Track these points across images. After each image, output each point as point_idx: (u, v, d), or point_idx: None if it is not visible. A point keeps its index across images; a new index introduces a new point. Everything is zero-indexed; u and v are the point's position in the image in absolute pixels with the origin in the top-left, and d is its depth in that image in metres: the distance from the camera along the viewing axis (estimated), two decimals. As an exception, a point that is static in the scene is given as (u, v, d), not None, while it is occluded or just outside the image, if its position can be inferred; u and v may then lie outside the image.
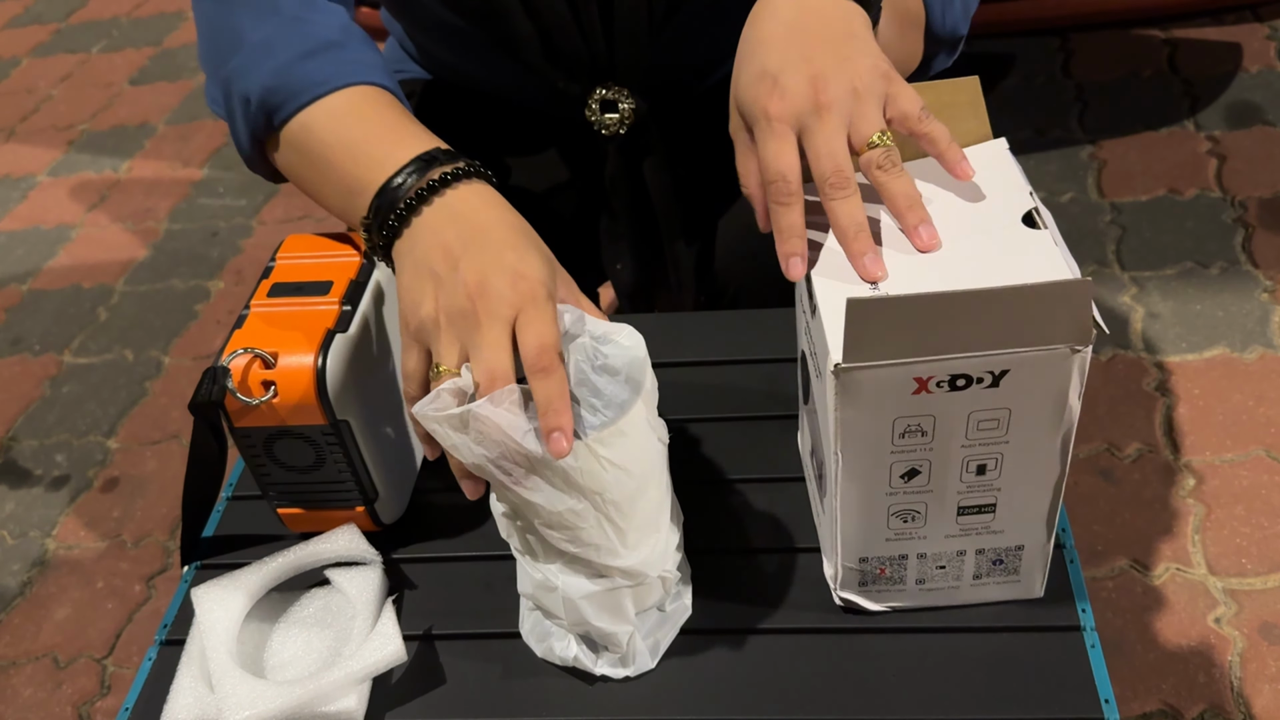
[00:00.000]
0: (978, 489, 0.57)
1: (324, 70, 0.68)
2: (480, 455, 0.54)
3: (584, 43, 0.84)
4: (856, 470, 0.56)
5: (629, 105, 0.89)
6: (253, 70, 0.69)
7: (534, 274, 0.58)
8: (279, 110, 0.69)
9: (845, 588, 0.63)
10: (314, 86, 0.68)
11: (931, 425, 0.54)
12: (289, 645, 0.67)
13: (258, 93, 0.69)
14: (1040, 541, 0.61)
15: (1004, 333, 0.50)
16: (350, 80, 0.68)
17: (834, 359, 0.52)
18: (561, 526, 0.56)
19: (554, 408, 0.53)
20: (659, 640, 0.64)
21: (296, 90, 0.68)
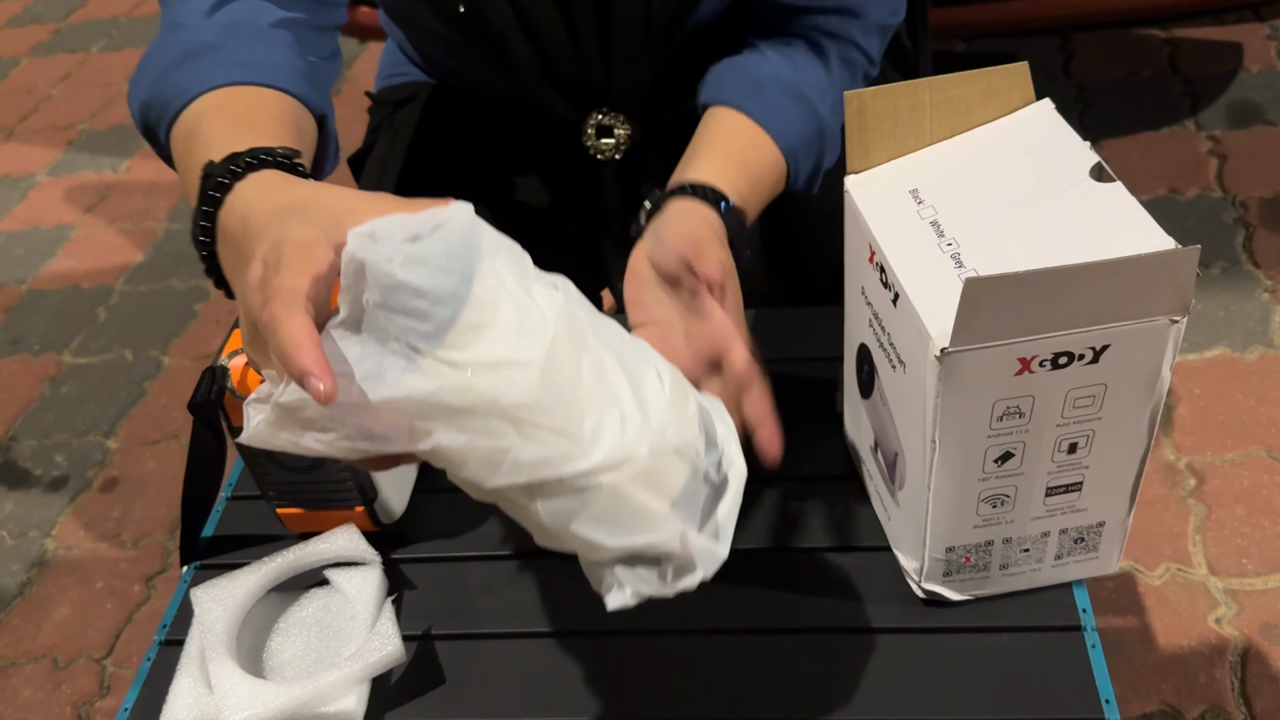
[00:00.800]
0: (1067, 468, 0.58)
1: (191, 76, 0.62)
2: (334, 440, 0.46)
3: (581, 66, 0.84)
4: (951, 457, 0.56)
5: (625, 131, 0.89)
6: (136, 86, 0.65)
7: (282, 236, 0.47)
8: (157, 126, 0.63)
9: (930, 579, 0.63)
10: (179, 95, 0.61)
11: (1030, 406, 0.54)
12: (288, 645, 0.67)
13: (138, 109, 0.65)
14: (1121, 516, 0.61)
15: (1108, 306, 0.50)
16: (215, 83, 0.61)
17: (938, 344, 0.51)
18: (488, 460, 0.45)
19: (287, 354, 0.43)
20: (719, 521, 0.51)
21: (166, 101, 0.62)
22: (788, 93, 0.78)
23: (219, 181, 0.52)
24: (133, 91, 0.65)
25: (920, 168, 0.62)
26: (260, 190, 0.51)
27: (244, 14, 0.66)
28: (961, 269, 0.54)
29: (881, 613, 0.65)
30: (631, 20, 0.81)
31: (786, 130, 0.77)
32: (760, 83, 0.78)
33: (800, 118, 0.78)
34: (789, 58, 0.80)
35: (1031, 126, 0.62)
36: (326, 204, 0.48)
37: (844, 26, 0.80)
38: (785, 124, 0.77)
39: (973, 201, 0.58)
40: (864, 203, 0.61)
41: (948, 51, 2.16)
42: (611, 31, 0.82)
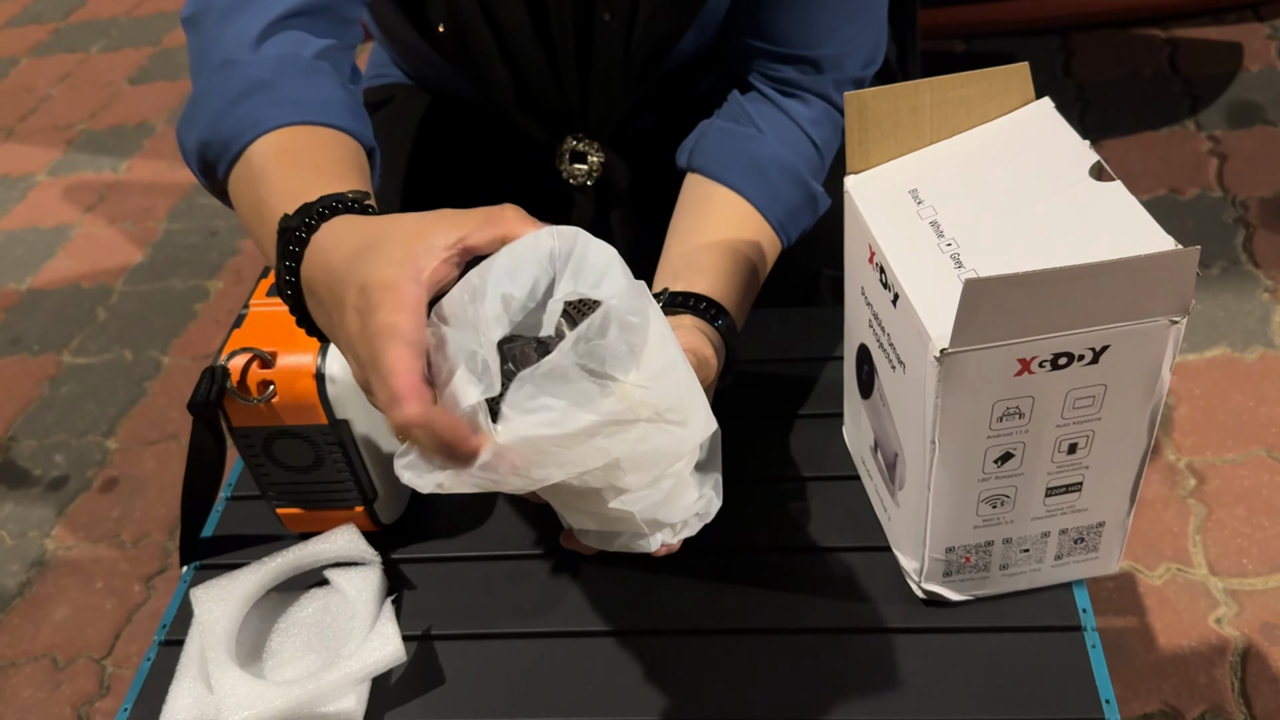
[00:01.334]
0: (1067, 468, 0.58)
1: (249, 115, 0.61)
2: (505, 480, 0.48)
3: (558, 93, 0.85)
4: (951, 457, 0.56)
5: (598, 159, 0.90)
6: (193, 125, 0.64)
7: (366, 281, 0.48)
8: (217, 164, 0.63)
9: (930, 579, 0.63)
10: (240, 135, 0.61)
11: (1030, 407, 0.54)
12: (288, 645, 0.67)
13: (196, 148, 0.64)
14: (1121, 516, 0.61)
15: (1108, 307, 0.50)
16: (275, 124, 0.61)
17: (938, 344, 0.51)
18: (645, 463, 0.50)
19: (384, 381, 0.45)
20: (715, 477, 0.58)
21: (225, 142, 0.62)
22: (785, 175, 0.79)
23: (297, 236, 0.53)
24: (187, 129, 0.65)
25: (920, 168, 0.62)
26: (335, 238, 0.52)
27: (289, 46, 0.66)
28: (961, 269, 0.54)
29: (881, 613, 0.65)
30: (610, 52, 0.81)
31: (782, 212, 0.79)
32: (762, 166, 0.79)
33: (796, 196, 0.80)
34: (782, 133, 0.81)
35: (1031, 126, 0.61)
36: (396, 236, 0.50)
37: (819, 82, 0.81)
38: (782, 207, 0.79)
39: (973, 201, 0.58)
40: (864, 203, 0.61)
41: (948, 52, 2.16)
42: (590, 62, 0.82)
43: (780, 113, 0.82)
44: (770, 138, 0.81)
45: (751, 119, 0.82)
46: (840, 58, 0.80)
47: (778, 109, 0.82)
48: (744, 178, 0.79)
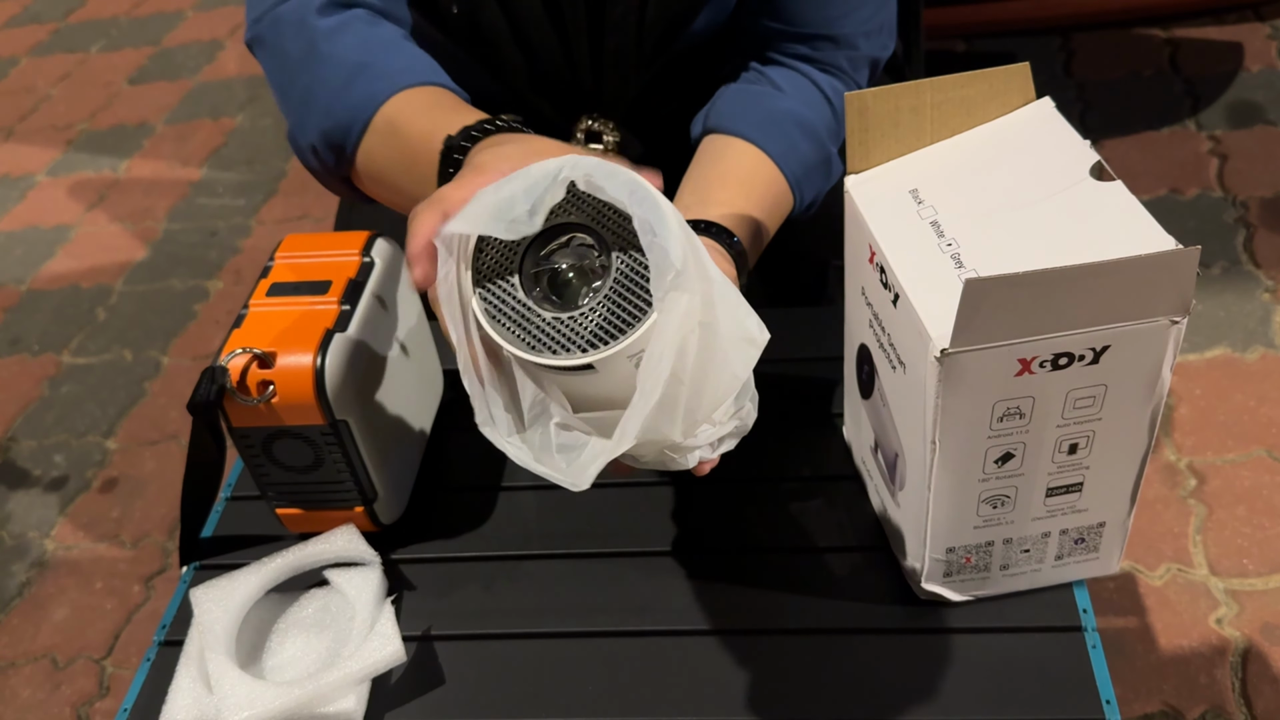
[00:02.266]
0: (1068, 468, 0.58)
1: (360, 95, 0.68)
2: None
3: (571, 74, 0.84)
4: (952, 458, 0.56)
5: (613, 138, 0.89)
6: (306, 123, 0.70)
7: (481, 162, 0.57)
8: (345, 145, 0.69)
9: (930, 580, 0.63)
10: (360, 111, 0.68)
11: (1030, 407, 0.54)
12: (288, 646, 0.67)
13: (320, 140, 0.69)
14: (1121, 517, 0.61)
15: (1109, 307, 0.50)
16: (383, 96, 0.68)
17: (938, 345, 0.51)
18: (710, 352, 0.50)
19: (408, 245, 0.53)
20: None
21: (348, 123, 0.68)
22: (801, 129, 0.79)
23: (462, 146, 0.60)
24: (301, 129, 0.70)
25: (920, 168, 0.62)
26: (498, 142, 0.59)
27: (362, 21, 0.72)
28: (961, 269, 0.54)
29: (882, 613, 0.65)
30: (623, 32, 0.81)
31: (798, 166, 0.79)
32: (777, 118, 0.79)
33: (812, 153, 0.80)
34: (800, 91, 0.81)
35: (1031, 126, 0.61)
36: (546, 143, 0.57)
37: (834, 57, 0.81)
38: (798, 161, 0.79)
39: (973, 201, 0.58)
40: (864, 203, 0.61)
41: (948, 51, 2.16)
42: (603, 42, 0.82)
43: (800, 75, 0.82)
44: (789, 93, 0.81)
45: (770, 79, 0.82)
46: (854, 36, 0.80)
47: (796, 72, 0.82)
48: (759, 129, 0.79)
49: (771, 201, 0.77)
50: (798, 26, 0.79)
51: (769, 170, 0.78)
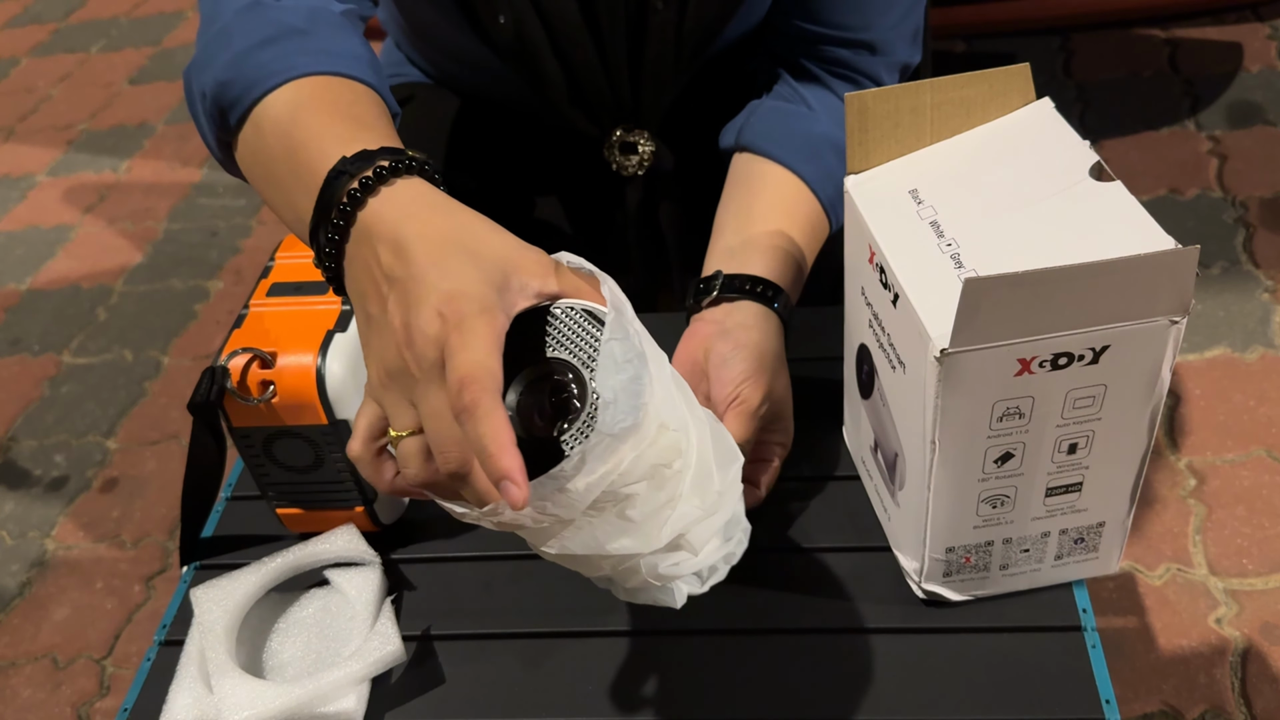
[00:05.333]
0: (1067, 468, 0.58)
1: (280, 59, 0.58)
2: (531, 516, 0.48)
3: (609, 86, 0.84)
4: (951, 458, 0.56)
5: (649, 148, 0.89)
6: (210, 63, 0.60)
7: (460, 289, 0.46)
8: (233, 107, 0.59)
9: (930, 580, 0.63)
10: (267, 78, 0.58)
11: (1030, 407, 0.54)
12: (288, 646, 0.67)
13: (212, 87, 0.60)
14: (1121, 516, 0.61)
15: (1108, 306, 0.50)
16: (308, 70, 0.58)
17: (938, 345, 0.51)
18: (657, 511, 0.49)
19: (488, 452, 0.43)
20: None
21: (249, 83, 0.58)
22: (837, 154, 0.79)
23: (362, 181, 0.50)
24: (202, 69, 0.61)
25: (920, 168, 0.62)
26: (415, 203, 0.49)
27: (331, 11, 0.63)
28: (961, 269, 0.54)
29: (881, 613, 0.65)
30: (662, 40, 0.81)
31: (834, 191, 0.79)
32: (815, 145, 0.79)
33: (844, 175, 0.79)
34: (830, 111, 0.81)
35: (1031, 126, 0.61)
36: (493, 249, 0.48)
37: (869, 64, 0.81)
38: (835, 187, 0.79)
39: (973, 201, 0.58)
40: (864, 203, 0.61)
41: (948, 52, 2.16)
42: (642, 51, 0.82)
43: (830, 93, 0.82)
44: (822, 116, 0.81)
45: (803, 98, 0.82)
46: (890, 41, 0.80)
47: (827, 89, 0.82)
48: (797, 155, 0.79)
49: (811, 233, 0.78)
50: (834, 30, 0.79)
51: (808, 201, 0.78)
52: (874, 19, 0.79)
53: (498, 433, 0.43)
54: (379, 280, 0.49)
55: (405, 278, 0.47)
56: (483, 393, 0.44)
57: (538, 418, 0.48)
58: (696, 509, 0.49)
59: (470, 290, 0.46)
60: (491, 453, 0.43)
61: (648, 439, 0.46)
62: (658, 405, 0.46)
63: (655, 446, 0.47)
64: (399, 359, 0.47)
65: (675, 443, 0.48)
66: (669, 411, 0.47)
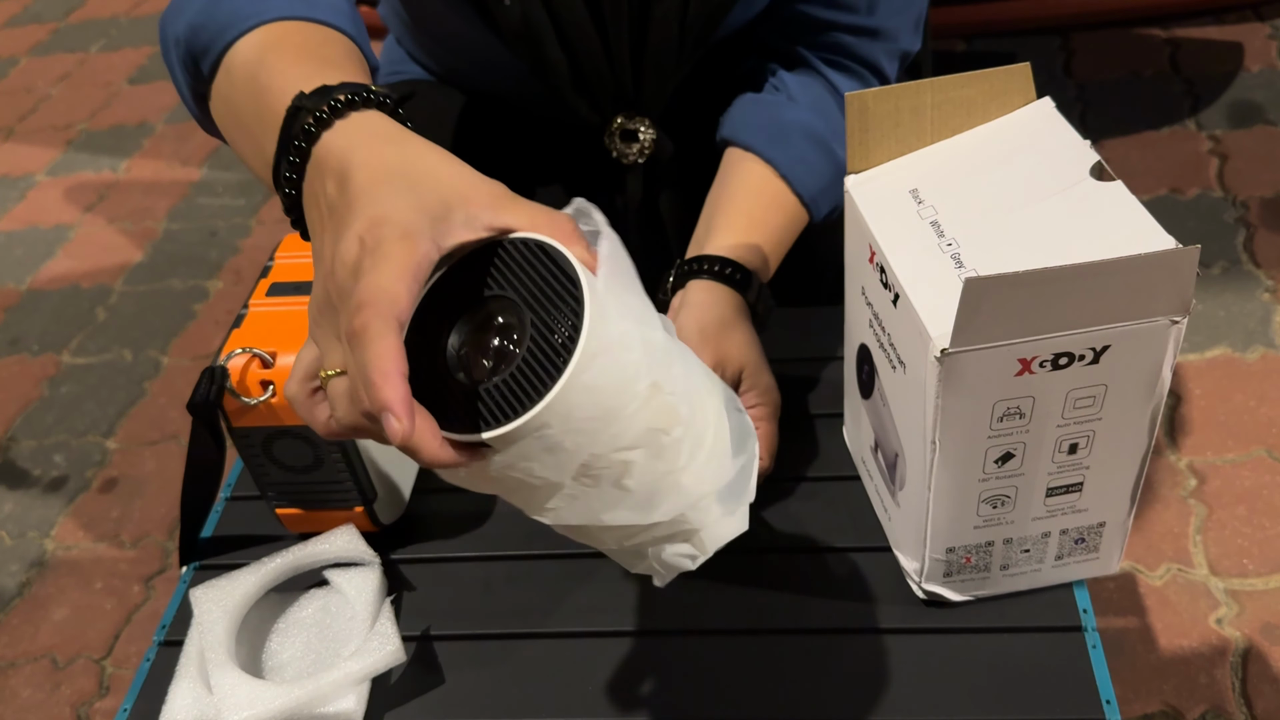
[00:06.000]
0: (1068, 468, 0.58)
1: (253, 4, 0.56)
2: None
3: (611, 72, 0.84)
4: (952, 458, 0.56)
5: (650, 136, 0.89)
6: (183, 9, 0.58)
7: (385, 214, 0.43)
8: (205, 54, 0.57)
9: (930, 580, 0.63)
10: (239, 21, 0.55)
11: (1030, 407, 0.54)
12: (287, 646, 0.67)
13: (184, 32, 0.58)
14: (1121, 517, 0.61)
15: (1109, 306, 0.50)
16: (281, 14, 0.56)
17: (938, 344, 0.51)
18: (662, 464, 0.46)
19: (370, 381, 0.40)
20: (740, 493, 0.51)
21: (221, 27, 0.56)
22: (811, 141, 0.80)
23: (316, 116, 0.47)
24: (175, 16, 0.59)
25: (920, 167, 0.62)
26: (366, 133, 0.47)
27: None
28: (961, 269, 0.54)
29: (882, 613, 0.65)
30: (666, 27, 0.81)
31: (809, 179, 0.79)
32: (785, 130, 0.80)
33: (822, 163, 0.80)
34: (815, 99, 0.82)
35: (1032, 125, 0.61)
36: (439, 179, 0.45)
37: (870, 49, 0.81)
38: (807, 173, 0.79)
39: (973, 201, 0.58)
40: (864, 203, 0.61)
41: (948, 51, 2.16)
42: (645, 38, 0.82)
43: (821, 82, 0.82)
44: (801, 104, 0.81)
45: (786, 87, 0.82)
46: (894, 28, 0.80)
47: (818, 77, 0.82)
48: (764, 141, 0.79)
49: (780, 218, 0.78)
50: (839, 14, 0.79)
51: (773, 183, 0.79)
52: (879, 3, 0.79)
53: (380, 359, 0.40)
54: (324, 212, 0.46)
55: (340, 206, 0.45)
56: (374, 317, 0.40)
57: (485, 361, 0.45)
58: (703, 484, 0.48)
59: (395, 216, 0.43)
60: (373, 381, 0.40)
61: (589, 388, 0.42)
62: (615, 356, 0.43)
63: (649, 409, 0.44)
64: (324, 291, 0.45)
65: (672, 407, 0.45)
66: (662, 373, 0.45)
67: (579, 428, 0.42)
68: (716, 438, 0.49)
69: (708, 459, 0.48)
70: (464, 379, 0.44)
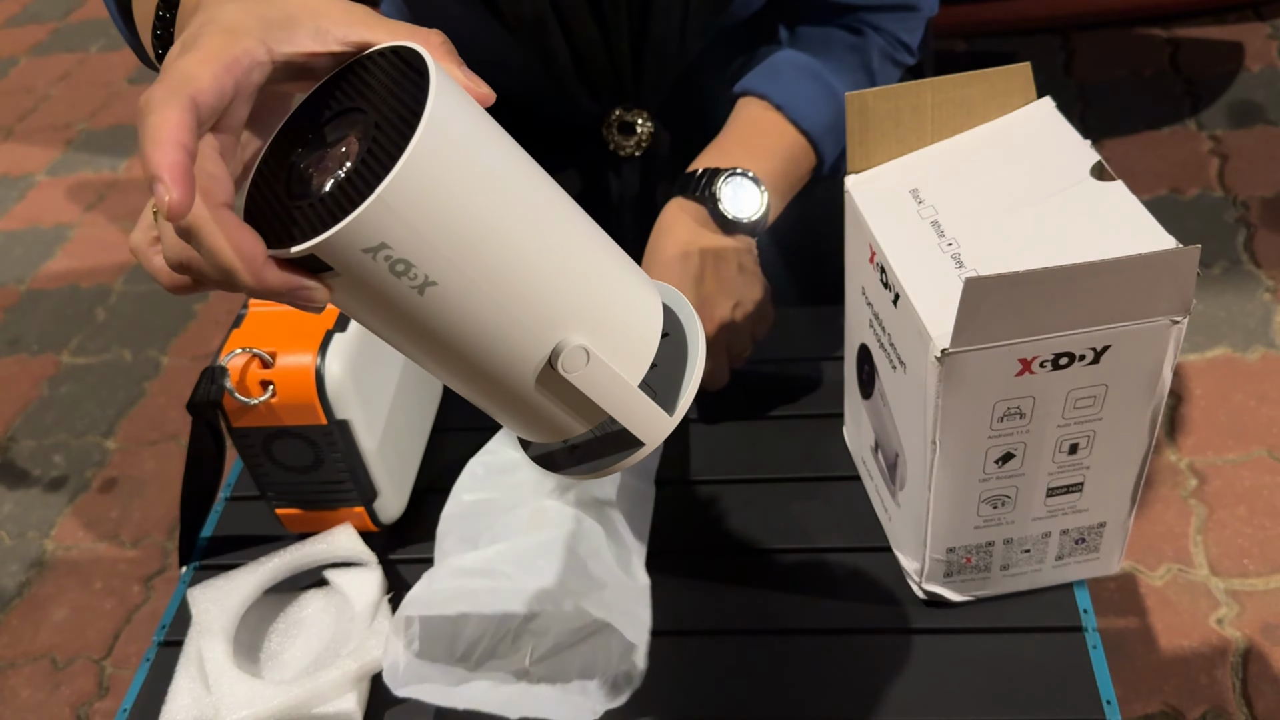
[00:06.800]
0: (1068, 469, 0.58)
1: None
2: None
3: (610, 64, 0.84)
4: (952, 458, 0.56)
5: (647, 128, 0.89)
6: None
7: (213, 16, 0.40)
8: None
9: (931, 580, 0.63)
10: None
11: (1030, 407, 0.54)
12: (287, 646, 0.67)
13: None
14: (1122, 517, 0.61)
15: (1109, 306, 0.50)
16: None
17: (938, 345, 0.51)
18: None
19: (144, 152, 0.36)
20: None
21: None
22: (802, 72, 0.79)
23: None
24: None
25: (920, 167, 0.62)
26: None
27: None
28: (962, 269, 0.54)
29: (882, 613, 0.65)
30: (668, 20, 0.81)
31: (810, 112, 0.78)
32: (775, 66, 0.80)
33: (821, 98, 0.79)
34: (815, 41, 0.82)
35: (1032, 125, 0.61)
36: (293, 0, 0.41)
37: (891, 21, 0.82)
38: (807, 105, 0.79)
39: (973, 201, 0.58)
40: (864, 203, 0.61)
41: (949, 51, 2.16)
42: (646, 31, 0.82)
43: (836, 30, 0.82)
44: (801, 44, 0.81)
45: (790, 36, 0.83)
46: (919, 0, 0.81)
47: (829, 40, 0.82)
48: (755, 79, 0.79)
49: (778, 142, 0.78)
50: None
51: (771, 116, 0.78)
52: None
53: (156, 129, 0.36)
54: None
55: (185, 28, 0.41)
56: (161, 90, 0.37)
57: (325, 175, 0.39)
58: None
59: (223, 17, 0.39)
60: (146, 153, 0.36)
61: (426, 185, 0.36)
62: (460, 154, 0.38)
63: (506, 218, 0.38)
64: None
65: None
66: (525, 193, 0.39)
67: (420, 235, 0.36)
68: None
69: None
70: (298, 192, 0.39)
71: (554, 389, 0.42)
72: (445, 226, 0.37)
